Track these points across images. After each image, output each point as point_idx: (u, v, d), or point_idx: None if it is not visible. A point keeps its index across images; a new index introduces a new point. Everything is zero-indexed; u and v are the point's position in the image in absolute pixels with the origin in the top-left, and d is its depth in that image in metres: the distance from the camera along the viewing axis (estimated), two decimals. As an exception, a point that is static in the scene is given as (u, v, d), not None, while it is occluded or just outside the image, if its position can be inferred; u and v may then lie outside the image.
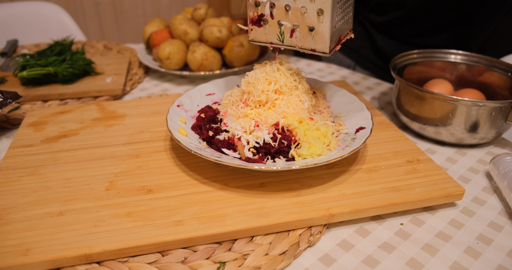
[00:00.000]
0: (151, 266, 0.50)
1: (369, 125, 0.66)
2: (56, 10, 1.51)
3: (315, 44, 0.62)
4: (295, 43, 0.64)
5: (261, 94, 0.65)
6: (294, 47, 0.64)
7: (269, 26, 0.64)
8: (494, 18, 0.98)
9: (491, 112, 0.70)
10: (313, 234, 0.55)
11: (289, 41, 0.64)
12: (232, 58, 0.99)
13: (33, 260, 0.48)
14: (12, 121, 0.83)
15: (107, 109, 0.83)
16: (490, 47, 1.02)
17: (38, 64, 0.93)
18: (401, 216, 0.59)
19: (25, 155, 0.68)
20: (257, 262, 0.50)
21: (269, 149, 0.61)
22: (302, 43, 0.63)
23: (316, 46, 0.62)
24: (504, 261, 0.52)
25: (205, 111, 0.71)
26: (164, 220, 0.54)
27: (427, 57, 0.87)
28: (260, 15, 0.63)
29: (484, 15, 0.98)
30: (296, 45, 0.64)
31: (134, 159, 0.67)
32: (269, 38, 0.65)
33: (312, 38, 0.62)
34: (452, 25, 1.02)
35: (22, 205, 0.57)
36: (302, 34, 0.62)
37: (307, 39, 0.62)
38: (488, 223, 0.58)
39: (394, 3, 1.05)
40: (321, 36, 0.61)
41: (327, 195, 0.59)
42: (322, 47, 0.62)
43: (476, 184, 0.67)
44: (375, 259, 0.52)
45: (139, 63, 1.11)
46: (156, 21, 1.11)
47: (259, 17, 0.64)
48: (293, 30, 0.63)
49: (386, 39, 1.13)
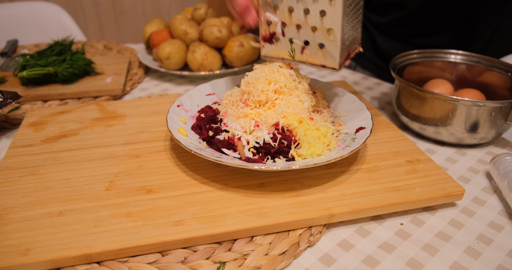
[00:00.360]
0: (151, 266, 0.50)
1: (369, 125, 0.66)
2: (56, 10, 1.51)
3: (325, 61, 0.64)
4: (306, 59, 0.66)
5: (261, 94, 0.65)
6: (305, 62, 0.66)
7: (281, 43, 0.66)
8: (495, 18, 0.98)
9: (491, 112, 0.70)
10: (313, 234, 0.55)
11: (300, 57, 0.66)
12: (232, 58, 0.99)
13: (33, 260, 0.48)
14: (12, 121, 0.83)
15: (107, 109, 0.83)
16: (492, 48, 1.02)
17: (38, 64, 0.93)
18: (401, 216, 0.59)
19: (25, 155, 0.68)
20: (257, 262, 0.50)
21: (269, 149, 0.61)
22: (312, 59, 0.65)
23: (326, 62, 0.64)
24: (504, 261, 0.52)
25: (205, 111, 0.71)
26: (164, 220, 0.54)
27: (427, 57, 0.87)
28: (272, 34, 0.65)
29: (485, 16, 0.98)
30: (306, 61, 0.66)
31: (134, 159, 0.67)
32: (280, 54, 0.67)
33: (322, 55, 0.63)
34: (454, 26, 1.02)
35: (22, 205, 0.57)
36: (312, 51, 0.64)
37: (317, 56, 0.64)
38: (488, 223, 0.58)
39: (395, 3, 1.05)
40: (331, 53, 0.63)
41: (327, 195, 0.59)
42: (331, 64, 0.64)
43: (476, 184, 0.67)
44: (375, 259, 0.52)
45: (139, 63, 1.11)
46: (156, 21, 1.11)
47: (271, 35, 0.66)
48: (304, 47, 0.64)
49: (387, 39, 1.13)
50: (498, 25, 0.99)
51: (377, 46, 1.16)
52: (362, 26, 1.17)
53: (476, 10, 0.97)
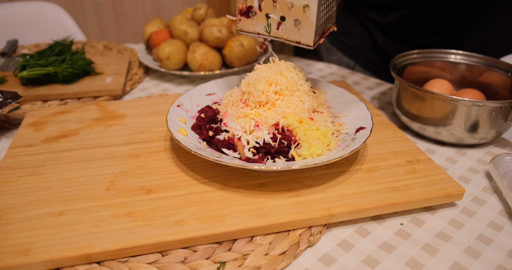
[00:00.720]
0: (151, 266, 0.50)
1: (369, 125, 0.66)
2: (56, 10, 1.51)
3: (300, 37, 0.64)
4: (281, 35, 0.66)
5: (261, 95, 0.65)
6: (280, 39, 0.66)
7: (257, 17, 0.66)
8: (496, 18, 0.98)
9: (491, 112, 0.70)
10: (313, 234, 0.55)
11: (275, 32, 0.66)
12: (232, 58, 0.99)
13: (33, 260, 0.48)
14: (12, 121, 0.83)
15: (107, 109, 0.83)
16: (492, 48, 1.01)
17: (38, 64, 0.93)
18: (401, 216, 0.59)
19: (25, 155, 0.68)
20: (257, 262, 0.50)
21: (269, 149, 0.61)
22: (288, 35, 0.65)
23: (301, 39, 0.65)
24: (504, 261, 0.52)
25: (205, 111, 0.71)
26: (164, 220, 0.54)
27: (427, 57, 0.87)
28: (249, 7, 0.66)
29: (486, 16, 0.98)
30: (282, 37, 0.66)
31: (134, 159, 0.67)
32: (256, 29, 0.68)
33: (298, 31, 0.64)
34: (454, 26, 1.02)
35: (22, 205, 0.57)
36: (288, 27, 0.64)
37: (293, 32, 0.65)
38: (488, 223, 0.58)
39: (394, 1, 1.04)
40: (306, 30, 0.63)
41: (327, 195, 0.59)
42: (306, 40, 0.64)
43: (476, 184, 0.67)
44: (375, 259, 0.52)
45: (139, 63, 1.11)
46: (156, 21, 1.11)
47: (248, 9, 0.66)
48: (280, 23, 0.65)
49: (387, 39, 1.13)
50: (499, 26, 0.99)
51: (378, 45, 1.16)
52: (362, 24, 1.17)
53: (476, 10, 0.97)
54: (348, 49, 1.24)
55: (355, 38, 1.20)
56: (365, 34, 1.18)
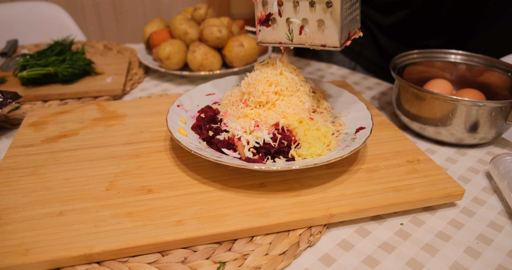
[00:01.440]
0: (151, 266, 0.50)
1: (369, 125, 0.66)
2: (56, 10, 1.51)
3: (325, 39, 0.61)
4: (305, 41, 0.63)
5: (261, 95, 0.65)
6: (304, 44, 0.63)
7: (278, 25, 0.63)
8: (500, 19, 0.97)
9: (491, 112, 0.70)
10: (313, 234, 0.55)
11: (298, 38, 0.63)
12: (232, 58, 0.99)
13: (33, 260, 0.48)
14: (12, 121, 0.83)
15: (107, 109, 0.83)
16: (496, 49, 1.01)
17: (38, 64, 0.93)
18: (401, 216, 0.59)
19: (25, 155, 0.68)
20: (257, 262, 0.50)
21: (269, 149, 0.61)
22: (312, 39, 0.62)
23: (327, 41, 0.62)
24: (504, 261, 0.52)
25: (205, 111, 0.71)
26: (164, 220, 0.54)
27: (427, 57, 0.87)
28: (268, 14, 0.63)
29: (490, 17, 0.98)
30: (306, 42, 0.63)
31: (134, 159, 0.67)
32: (277, 38, 0.65)
33: (322, 33, 0.61)
34: (458, 27, 1.02)
35: (22, 205, 0.57)
36: (311, 29, 0.62)
37: (317, 35, 0.62)
38: (488, 223, 0.58)
39: (398, 2, 1.04)
40: (331, 30, 0.60)
41: (327, 195, 0.59)
42: (332, 41, 0.61)
43: (476, 184, 0.67)
44: (375, 259, 0.52)
45: (139, 63, 1.11)
46: (156, 21, 1.11)
47: (267, 17, 0.63)
48: (302, 27, 0.62)
49: (390, 40, 1.13)
50: (504, 26, 0.98)
51: (380, 47, 1.16)
52: (366, 28, 1.17)
53: (481, 11, 0.97)
54: (349, 50, 1.23)
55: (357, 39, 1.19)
56: (367, 36, 1.18)
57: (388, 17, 1.10)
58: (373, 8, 1.13)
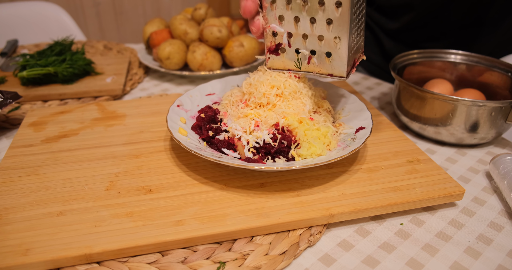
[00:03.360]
0: (151, 266, 0.50)
1: (369, 125, 0.66)
2: (56, 10, 1.51)
3: (333, 69, 0.63)
4: (313, 69, 0.65)
5: (262, 97, 0.65)
6: (312, 72, 0.65)
7: (287, 54, 0.65)
8: (505, 22, 0.97)
9: (491, 112, 0.70)
10: (313, 234, 0.55)
11: (306, 67, 0.65)
12: (232, 58, 0.99)
13: (33, 260, 0.48)
14: (12, 121, 0.83)
15: (107, 109, 0.83)
16: (501, 51, 1.01)
17: (38, 64, 0.93)
18: (401, 216, 0.59)
19: (25, 155, 0.68)
20: (257, 262, 0.50)
21: (269, 149, 0.61)
22: (319, 69, 0.64)
23: (334, 71, 0.63)
24: (504, 261, 0.52)
25: (205, 111, 0.71)
26: (164, 220, 0.54)
27: (427, 57, 0.87)
28: (278, 44, 0.64)
29: (494, 19, 0.97)
30: (313, 71, 0.65)
31: (134, 159, 0.67)
32: (286, 65, 0.66)
33: (330, 64, 0.63)
34: (462, 29, 1.01)
35: (22, 205, 0.57)
36: (319, 60, 0.63)
37: (324, 65, 0.63)
38: (488, 223, 0.58)
39: (402, 5, 1.04)
40: (338, 62, 0.62)
41: (327, 195, 0.59)
42: (339, 72, 0.63)
43: (476, 184, 0.67)
44: (375, 259, 0.52)
45: (139, 63, 1.11)
46: (156, 21, 1.11)
47: (277, 46, 0.65)
48: (311, 57, 0.64)
49: (393, 42, 1.12)
50: (508, 29, 0.98)
51: (384, 50, 1.15)
52: (370, 30, 1.17)
53: (485, 13, 0.97)
54: None
55: None
56: (372, 40, 1.17)
57: (392, 21, 1.09)
58: (376, 10, 1.12)
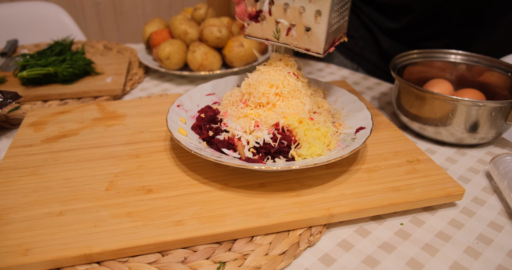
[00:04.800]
0: (151, 266, 0.50)
1: (369, 125, 0.66)
2: (56, 10, 1.51)
3: (310, 44, 0.63)
4: (290, 42, 0.64)
5: (262, 96, 0.65)
6: (289, 45, 0.65)
7: (266, 22, 0.65)
8: (502, 22, 0.97)
9: (491, 112, 0.70)
10: (313, 234, 0.55)
11: (284, 39, 0.65)
12: (232, 58, 0.99)
13: (33, 260, 0.48)
14: (12, 121, 0.83)
15: (107, 109, 0.83)
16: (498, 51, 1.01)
17: (38, 64, 0.93)
18: (401, 216, 0.59)
19: (25, 155, 0.68)
20: (257, 262, 0.50)
21: (269, 149, 0.61)
22: (297, 42, 0.64)
23: (311, 46, 0.63)
24: (504, 261, 0.52)
25: (205, 111, 0.71)
26: (164, 220, 0.54)
27: (427, 57, 0.87)
28: (258, 11, 0.64)
29: (492, 19, 0.98)
30: (291, 44, 0.64)
31: (134, 159, 0.67)
32: (265, 34, 0.66)
33: (308, 38, 0.62)
34: (460, 29, 1.01)
35: (22, 205, 0.57)
36: (298, 33, 0.63)
37: (302, 39, 0.63)
38: (488, 223, 0.58)
39: (400, 6, 1.04)
40: (316, 37, 0.62)
41: (327, 195, 0.59)
42: (316, 48, 0.63)
43: (476, 184, 0.67)
44: (375, 259, 0.52)
45: (139, 63, 1.11)
46: (156, 21, 1.11)
47: (257, 13, 0.64)
48: (289, 29, 0.63)
49: (392, 42, 1.12)
50: (505, 28, 0.98)
51: (382, 49, 1.15)
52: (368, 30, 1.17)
53: (482, 12, 0.97)
54: (350, 52, 1.23)
55: (358, 41, 1.19)
56: (368, 37, 1.17)
57: (392, 21, 1.09)
58: (376, 10, 1.12)
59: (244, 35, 0.68)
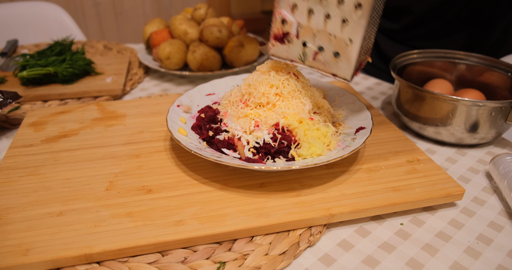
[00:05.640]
0: (151, 266, 0.50)
1: (369, 125, 0.66)
2: (56, 10, 1.51)
3: (337, 70, 0.61)
4: (316, 66, 0.62)
5: (261, 96, 0.65)
6: (315, 68, 0.63)
7: (292, 44, 0.62)
8: (499, 22, 0.98)
9: (491, 112, 0.70)
10: (313, 234, 0.55)
11: (310, 62, 0.62)
12: (232, 58, 0.99)
13: (33, 260, 0.48)
14: (12, 121, 0.83)
15: (107, 109, 0.83)
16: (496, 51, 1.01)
17: (38, 64, 0.93)
18: (401, 216, 0.59)
19: (25, 155, 0.68)
20: (257, 262, 0.50)
21: (269, 149, 0.61)
22: (323, 66, 0.62)
23: (338, 72, 0.61)
24: (504, 261, 0.52)
25: (205, 111, 0.71)
26: (164, 220, 0.54)
27: (427, 57, 0.87)
28: (285, 33, 0.62)
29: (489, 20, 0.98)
30: (317, 68, 0.62)
31: (134, 159, 0.67)
32: (290, 56, 0.64)
33: (335, 63, 0.60)
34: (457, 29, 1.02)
35: (22, 205, 0.57)
36: (325, 58, 0.61)
37: (330, 64, 0.61)
38: (488, 223, 0.58)
39: (399, 8, 1.04)
40: (345, 63, 0.59)
41: (327, 195, 0.59)
42: (344, 74, 0.60)
43: (476, 184, 0.67)
44: (375, 259, 0.52)
45: (139, 63, 1.11)
46: (156, 21, 1.11)
47: (284, 35, 0.62)
48: (317, 53, 0.61)
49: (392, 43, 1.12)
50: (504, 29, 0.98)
51: (380, 50, 1.16)
52: None
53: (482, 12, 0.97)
54: None
55: None
56: None
57: (391, 22, 1.09)
58: None
59: (270, 55, 0.65)
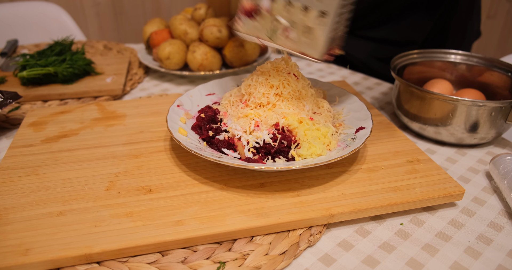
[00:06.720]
0: (151, 266, 0.50)
1: (369, 125, 0.66)
2: (56, 10, 1.51)
3: (307, 48, 0.58)
4: (284, 43, 0.59)
5: (262, 97, 0.65)
6: (283, 47, 0.59)
7: (262, 20, 0.59)
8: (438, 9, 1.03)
9: (491, 112, 0.70)
10: (313, 234, 0.55)
11: (278, 39, 0.59)
12: (232, 58, 0.99)
13: (33, 260, 0.48)
14: (12, 121, 0.83)
15: (107, 109, 0.83)
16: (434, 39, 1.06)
17: (38, 64, 0.93)
18: (401, 216, 0.59)
19: (25, 155, 0.68)
20: (257, 262, 0.50)
21: (269, 149, 0.61)
22: (292, 44, 0.58)
23: (308, 50, 0.58)
24: (504, 261, 0.52)
25: (205, 111, 0.71)
26: (164, 220, 0.54)
27: (427, 57, 0.87)
28: (256, 7, 0.58)
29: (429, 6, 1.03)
30: (284, 45, 0.59)
31: (134, 159, 0.67)
32: (257, 32, 0.60)
33: (305, 41, 0.57)
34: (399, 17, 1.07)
35: (22, 205, 0.57)
36: (295, 34, 0.58)
37: (300, 41, 0.58)
38: (488, 223, 0.58)
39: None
40: (316, 40, 0.56)
41: (327, 195, 0.59)
42: (313, 52, 0.57)
43: (476, 184, 0.67)
44: (375, 259, 0.52)
45: (139, 63, 1.11)
46: (156, 21, 1.11)
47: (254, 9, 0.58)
48: (287, 29, 0.58)
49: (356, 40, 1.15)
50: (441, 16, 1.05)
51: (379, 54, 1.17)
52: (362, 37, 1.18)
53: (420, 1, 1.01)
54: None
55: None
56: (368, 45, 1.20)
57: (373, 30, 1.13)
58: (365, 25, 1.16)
59: (234, 30, 0.61)
